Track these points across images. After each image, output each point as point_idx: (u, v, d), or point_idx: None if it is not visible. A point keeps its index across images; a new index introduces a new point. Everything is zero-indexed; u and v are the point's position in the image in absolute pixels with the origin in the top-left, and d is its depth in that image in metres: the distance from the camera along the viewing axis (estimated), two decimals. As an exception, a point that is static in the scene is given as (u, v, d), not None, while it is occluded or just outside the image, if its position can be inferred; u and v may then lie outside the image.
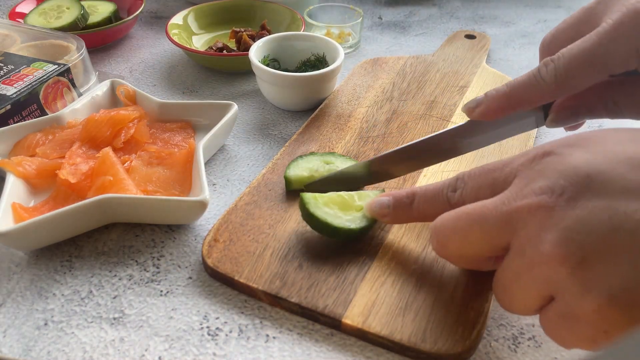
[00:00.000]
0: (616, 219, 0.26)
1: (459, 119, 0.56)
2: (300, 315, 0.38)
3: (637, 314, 0.26)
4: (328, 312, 0.36)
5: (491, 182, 0.33)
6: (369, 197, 0.42)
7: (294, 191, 0.46)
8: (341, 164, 0.47)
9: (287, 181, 0.46)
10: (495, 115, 0.39)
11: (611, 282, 0.26)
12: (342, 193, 0.42)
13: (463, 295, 0.37)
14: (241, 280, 0.39)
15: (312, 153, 0.49)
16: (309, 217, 0.40)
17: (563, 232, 0.27)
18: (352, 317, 0.36)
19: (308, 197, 0.41)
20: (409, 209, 0.38)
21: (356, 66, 0.67)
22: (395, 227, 0.43)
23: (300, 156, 0.49)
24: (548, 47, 0.42)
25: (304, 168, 0.47)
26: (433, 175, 0.49)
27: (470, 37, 0.73)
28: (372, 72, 0.65)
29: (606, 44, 0.35)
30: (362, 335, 0.36)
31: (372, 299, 0.37)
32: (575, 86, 0.36)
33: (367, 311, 0.36)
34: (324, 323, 0.37)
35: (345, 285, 0.38)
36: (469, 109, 0.40)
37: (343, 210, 0.41)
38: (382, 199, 0.40)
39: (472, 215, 0.32)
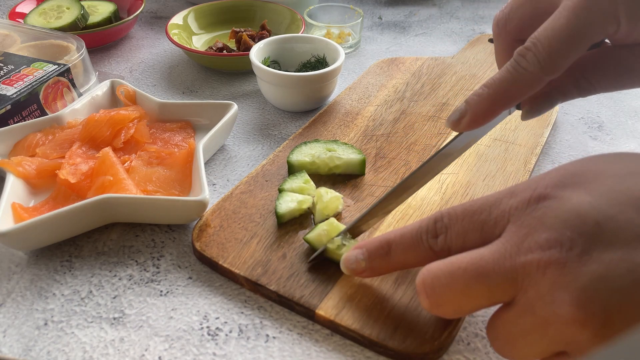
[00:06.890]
0: (637, 271, 0.25)
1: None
2: (278, 304, 0.38)
3: None
4: (303, 302, 0.37)
5: (479, 227, 0.31)
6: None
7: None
8: (343, 152, 0.48)
9: (290, 165, 0.48)
10: (483, 122, 0.36)
11: None
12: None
13: None
14: (225, 265, 0.40)
15: (316, 140, 0.51)
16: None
17: (581, 292, 0.25)
18: (326, 309, 0.37)
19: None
20: (386, 261, 0.35)
21: (372, 65, 0.67)
22: (383, 225, 0.43)
23: (304, 142, 0.50)
24: (505, 28, 0.39)
25: (307, 154, 0.49)
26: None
27: (493, 41, 0.72)
28: (388, 72, 0.65)
29: (583, 16, 0.32)
30: (334, 328, 0.36)
31: (348, 293, 0.38)
32: (561, 67, 0.34)
33: (341, 304, 0.37)
34: (299, 312, 0.38)
35: (325, 278, 0.39)
36: (453, 123, 0.37)
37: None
38: (355, 253, 0.36)
39: (469, 272, 0.29)
